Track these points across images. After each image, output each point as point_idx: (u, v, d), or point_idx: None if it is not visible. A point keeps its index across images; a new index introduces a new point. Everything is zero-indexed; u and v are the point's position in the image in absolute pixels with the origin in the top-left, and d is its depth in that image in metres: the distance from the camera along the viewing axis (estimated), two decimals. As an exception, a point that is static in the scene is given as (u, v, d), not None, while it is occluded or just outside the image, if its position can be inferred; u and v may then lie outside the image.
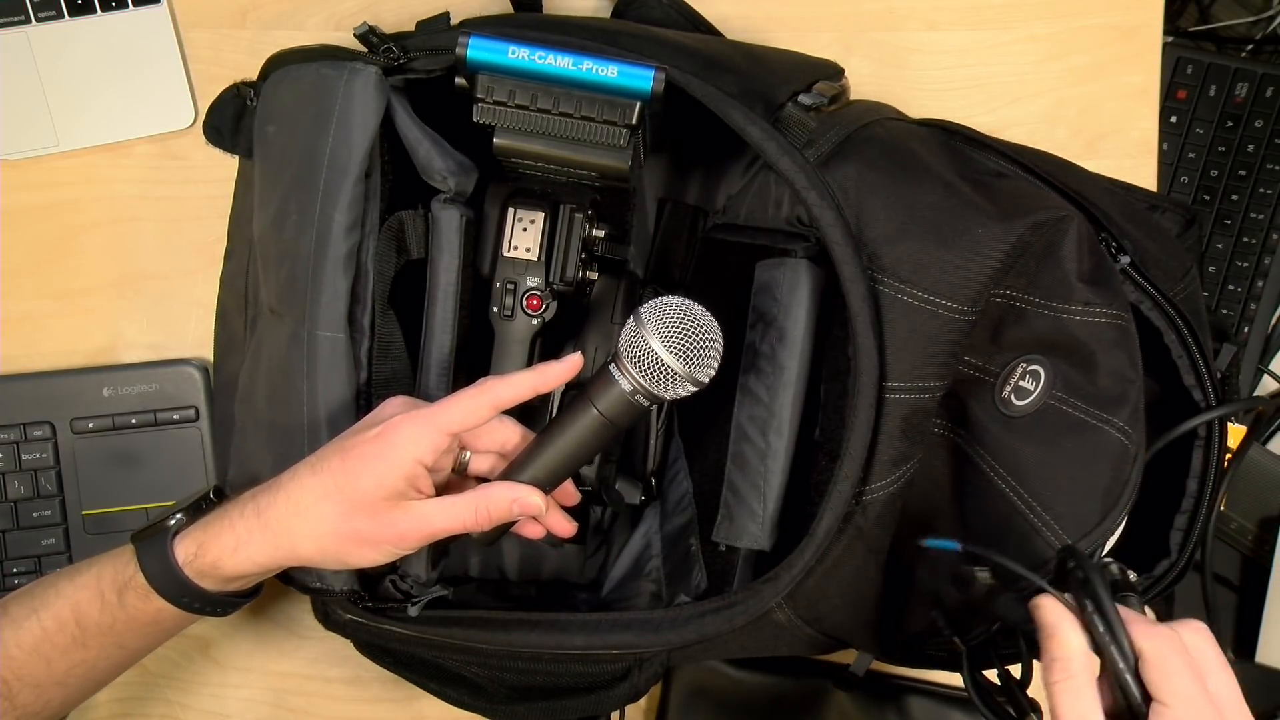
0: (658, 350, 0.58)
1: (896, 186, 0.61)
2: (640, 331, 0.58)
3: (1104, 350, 0.61)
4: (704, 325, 0.59)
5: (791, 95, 0.65)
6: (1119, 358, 0.62)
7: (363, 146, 0.63)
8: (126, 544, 0.61)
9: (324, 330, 0.63)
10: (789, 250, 0.70)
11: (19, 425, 0.77)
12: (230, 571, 0.59)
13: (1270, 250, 0.92)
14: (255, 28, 0.80)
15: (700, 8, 0.75)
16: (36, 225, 0.80)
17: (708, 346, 0.59)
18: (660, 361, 0.58)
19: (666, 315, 0.58)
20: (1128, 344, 0.62)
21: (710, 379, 0.60)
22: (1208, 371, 0.67)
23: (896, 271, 0.59)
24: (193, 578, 0.59)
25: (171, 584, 0.59)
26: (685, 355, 0.58)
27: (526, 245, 0.68)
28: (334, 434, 0.61)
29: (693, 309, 0.59)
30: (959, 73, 0.82)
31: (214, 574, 0.59)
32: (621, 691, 0.66)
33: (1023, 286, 0.63)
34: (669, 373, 0.58)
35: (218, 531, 0.59)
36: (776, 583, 0.61)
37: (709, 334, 0.59)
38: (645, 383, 0.58)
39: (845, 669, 0.77)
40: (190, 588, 0.59)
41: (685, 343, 0.58)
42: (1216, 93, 0.92)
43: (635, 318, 0.59)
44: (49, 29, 0.79)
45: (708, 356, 0.59)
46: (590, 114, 0.61)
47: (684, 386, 0.59)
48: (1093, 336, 0.62)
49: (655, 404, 0.61)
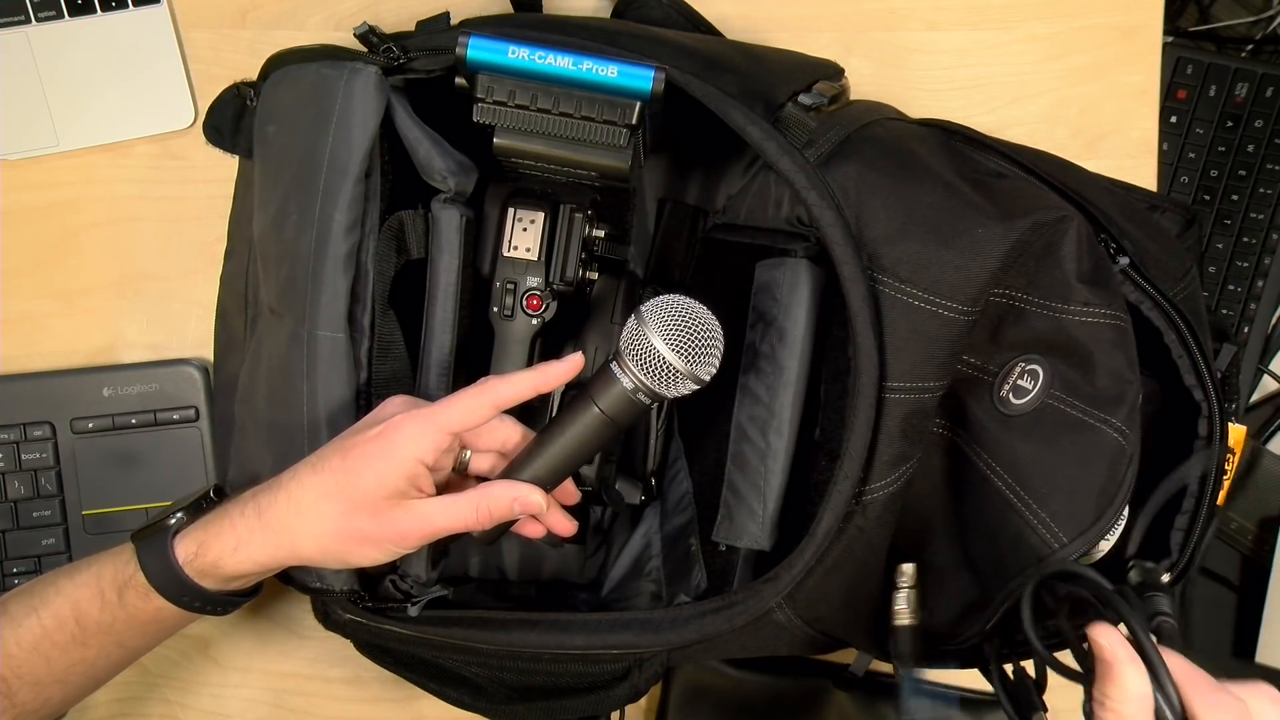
0: (660, 348, 0.58)
1: (896, 186, 0.61)
2: (642, 329, 0.59)
3: (1102, 350, 0.61)
4: (705, 323, 0.59)
5: (791, 95, 0.65)
6: (1117, 358, 0.62)
7: (363, 146, 0.63)
8: (126, 543, 0.61)
9: (324, 330, 0.63)
10: (789, 250, 0.70)
11: (19, 425, 0.77)
12: (230, 571, 0.59)
13: (1270, 250, 0.92)
14: (255, 28, 0.80)
15: (700, 8, 0.75)
16: (36, 225, 0.80)
17: (709, 344, 0.59)
18: (662, 359, 0.58)
19: (668, 313, 0.59)
20: (1125, 344, 0.62)
21: (711, 377, 0.60)
22: (1208, 371, 0.67)
23: (896, 271, 0.59)
24: (193, 577, 0.59)
25: (171, 583, 0.59)
26: (687, 353, 0.58)
27: (526, 245, 0.68)
28: (334, 434, 0.61)
29: (694, 307, 0.60)
30: (959, 73, 0.82)
31: (214, 573, 0.59)
32: (621, 691, 0.66)
33: (1022, 286, 0.63)
34: (671, 370, 0.58)
35: (218, 531, 0.59)
36: (776, 583, 0.61)
37: (710, 332, 0.59)
38: (647, 380, 0.59)
39: (845, 669, 0.77)
40: (190, 587, 0.59)
41: (687, 340, 0.58)
42: (1216, 93, 0.92)
43: (637, 316, 0.59)
44: (49, 29, 0.79)
45: (709, 354, 0.59)
46: (590, 114, 0.61)
47: (686, 384, 0.59)
48: (1091, 337, 0.62)
49: (656, 402, 0.61)
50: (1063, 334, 0.62)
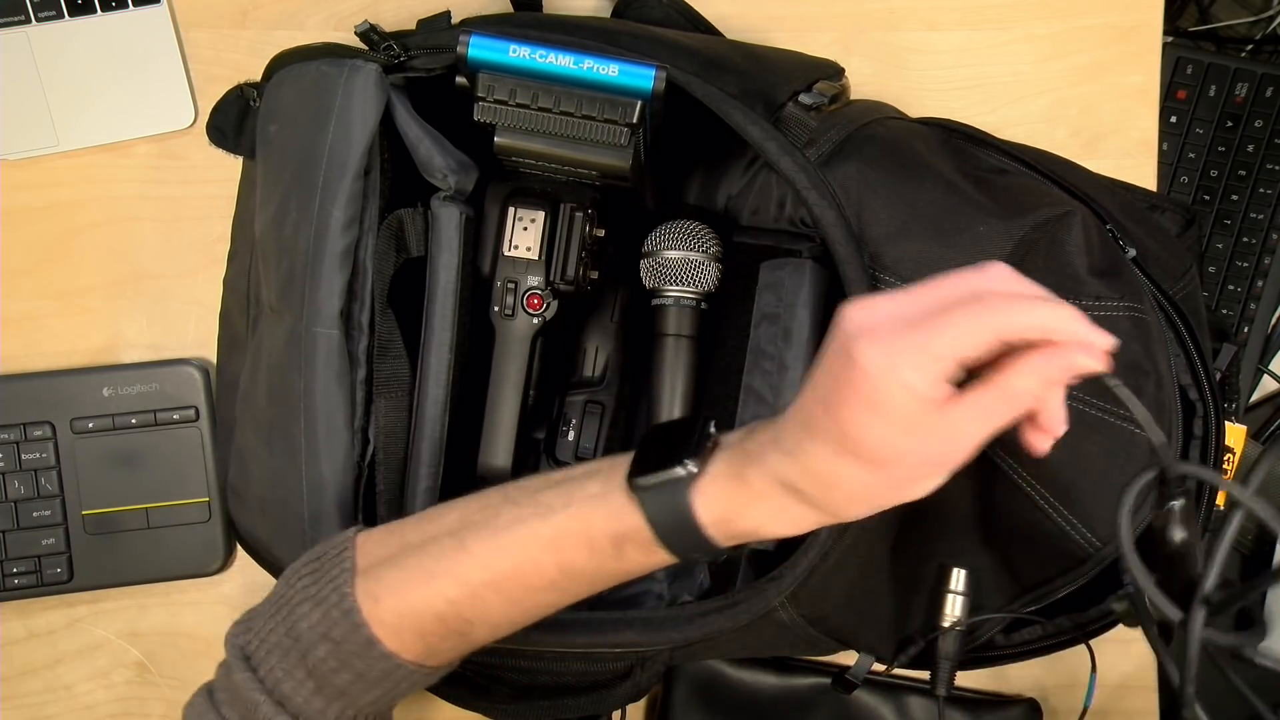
0: (676, 255, 0.70)
1: (897, 185, 0.61)
2: (655, 257, 0.70)
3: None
4: (686, 222, 0.71)
5: (792, 95, 0.65)
6: (1133, 349, 0.61)
7: (362, 143, 0.63)
8: (611, 487, 0.52)
9: (320, 327, 0.63)
10: (794, 251, 0.70)
11: (19, 425, 0.77)
12: (765, 535, 0.52)
13: (1270, 250, 0.92)
14: (255, 28, 0.80)
15: (700, 8, 0.75)
16: (36, 225, 0.80)
17: (702, 232, 0.71)
18: (687, 260, 0.70)
19: (661, 235, 0.71)
20: (1143, 335, 0.62)
21: (723, 253, 0.71)
22: (1204, 371, 0.67)
23: (898, 270, 0.59)
24: (716, 539, 0.51)
25: (688, 541, 0.51)
26: (695, 245, 0.70)
27: (527, 244, 0.68)
28: (329, 430, 0.61)
29: (673, 222, 0.71)
30: (959, 73, 0.82)
31: (742, 536, 0.52)
32: (624, 690, 0.66)
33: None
34: (695, 264, 0.70)
35: (746, 499, 0.50)
36: (780, 582, 0.61)
37: (696, 226, 0.71)
38: (686, 287, 0.70)
39: (845, 670, 0.77)
40: (710, 547, 0.52)
41: (689, 238, 0.70)
42: (1216, 93, 0.92)
43: (645, 255, 0.71)
44: (49, 29, 0.79)
45: (708, 239, 0.71)
46: (591, 113, 0.61)
47: (713, 269, 0.71)
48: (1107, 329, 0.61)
49: (704, 301, 0.71)
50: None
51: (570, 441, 0.75)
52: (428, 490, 0.65)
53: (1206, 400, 0.67)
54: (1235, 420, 0.84)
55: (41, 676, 0.79)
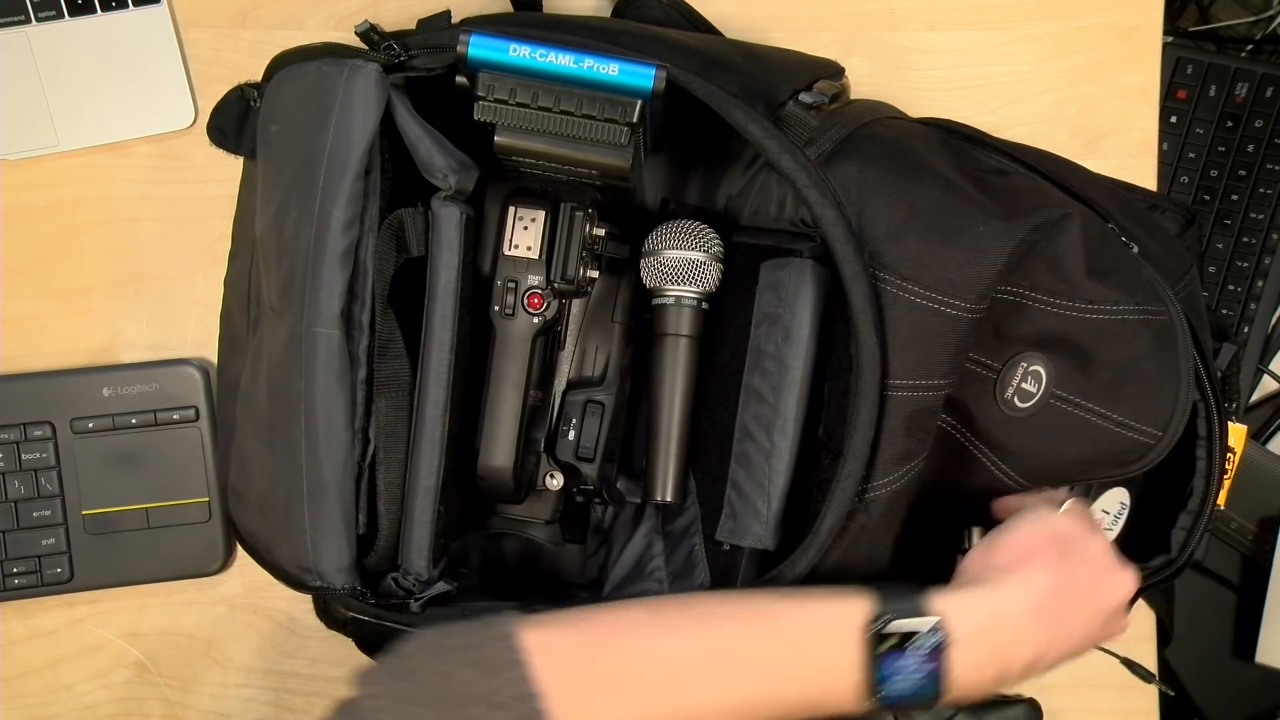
0: (678, 255, 0.69)
1: (898, 184, 0.61)
2: (656, 256, 0.70)
3: (1111, 345, 0.62)
4: (687, 221, 0.70)
5: (792, 94, 0.65)
6: (1135, 349, 0.62)
7: (362, 143, 0.63)
8: (849, 626, 0.55)
9: (320, 326, 0.63)
10: (794, 250, 0.70)
11: (19, 425, 0.77)
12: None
13: (1270, 250, 0.92)
14: (255, 28, 0.80)
15: (700, 7, 0.75)
16: (36, 225, 0.80)
17: (703, 231, 0.70)
18: (688, 260, 0.69)
19: (662, 234, 0.70)
20: (1154, 336, 0.62)
21: (723, 254, 0.71)
22: (1206, 371, 0.67)
23: (898, 269, 0.59)
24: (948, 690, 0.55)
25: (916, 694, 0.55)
26: (696, 245, 0.70)
27: (527, 244, 0.68)
28: (329, 430, 0.61)
29: (672, 222, 0.70)
30: (959, 73, 0.82)
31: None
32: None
33: (1028, 284, 0.63)
34: (697, 264, 0.69)
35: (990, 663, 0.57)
36: (779, 581, 0.61)
37: (696, 225, 0.70)
38: (687, 287, 0.70)
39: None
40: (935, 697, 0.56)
41: (690, 238, 0.70)
42: (1216, 93, 0.92)
43: (645, 255, 0.70)
44: (49, 29, 0.79)
45: (709, 237, 0.70)
46: (591, 112, 0.61)
47: (715, 269, 0.70)
48: (1098, 331, 0.62)
49: (706, 302, 0.71)
50: (1067, 330, 0.62)
51: (570, 441, 0.74)
52: (428, 490, 0.65)
53: (1209, 400, 0.67)
54: (1235, 420, 0.84)
55: (42, 676, 0.79)
